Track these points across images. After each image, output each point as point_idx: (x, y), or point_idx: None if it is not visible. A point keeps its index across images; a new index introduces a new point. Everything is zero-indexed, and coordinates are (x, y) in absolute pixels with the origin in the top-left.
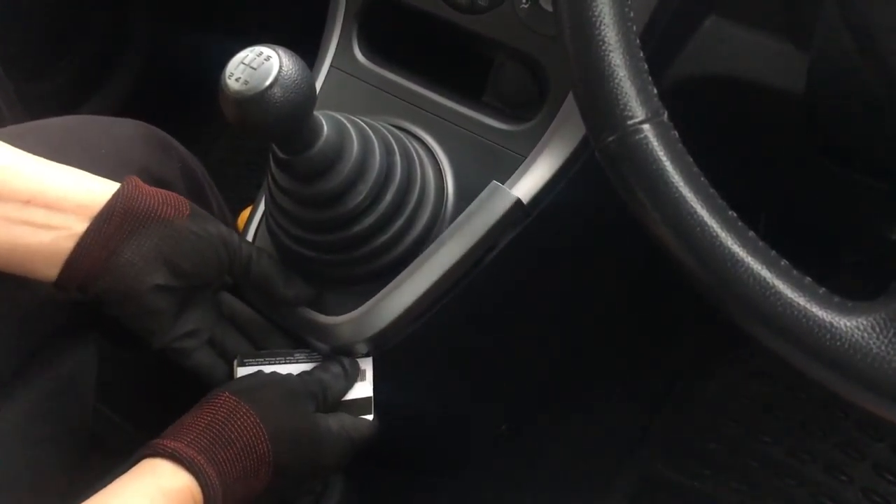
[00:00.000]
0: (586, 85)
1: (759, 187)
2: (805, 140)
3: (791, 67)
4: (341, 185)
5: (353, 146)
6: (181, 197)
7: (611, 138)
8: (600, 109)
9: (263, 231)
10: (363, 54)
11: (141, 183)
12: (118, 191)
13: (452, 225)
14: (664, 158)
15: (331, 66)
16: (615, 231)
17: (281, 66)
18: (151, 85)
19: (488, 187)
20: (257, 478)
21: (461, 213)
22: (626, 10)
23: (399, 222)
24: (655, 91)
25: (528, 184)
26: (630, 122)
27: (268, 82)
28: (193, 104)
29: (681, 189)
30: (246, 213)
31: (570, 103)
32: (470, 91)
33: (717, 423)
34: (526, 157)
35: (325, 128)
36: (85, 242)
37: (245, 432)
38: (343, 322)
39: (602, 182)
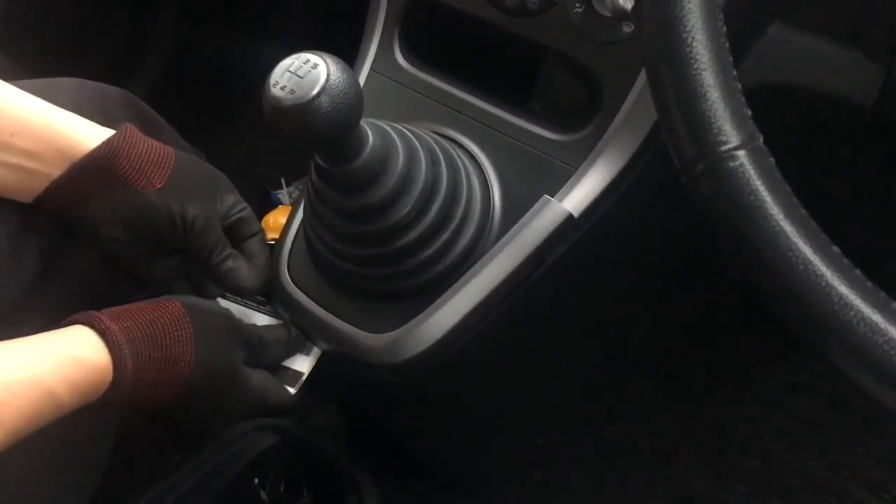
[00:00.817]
0: (675, 106)
1: (812, 197)
2: (869, 151)
3: (859, 77)
4: (386, 197)
5: (398, 157)
6: (167, 159)
7: (701, 165)
8: (690, 133)
9: (300, 241)
10: (404, 58)
11: (134, 133)
12: (102, 145)
13: (501, 240)
14: (762, 188)
15: (371, 69)
16: (656, 243)
17: (328, 75)
18: (174, 85)
19: (540, 201)
20: (167, 389)
21: (508, 226)
22: (719, 24)
23: (444, 236)
24: (750, 113)
25: (578, 197)
26: (724, 149)
27: (315, 91)
28: (216, 105)
29: (781, 223)
30: (272, 216)
31: (624, 113)
32: (515, 97)
33: (756, 437)
34: (577, 169)
35: (371, 137)
36: (56, 187)
37: (175, 344)
38: (384, 341)
39: (652, 195)
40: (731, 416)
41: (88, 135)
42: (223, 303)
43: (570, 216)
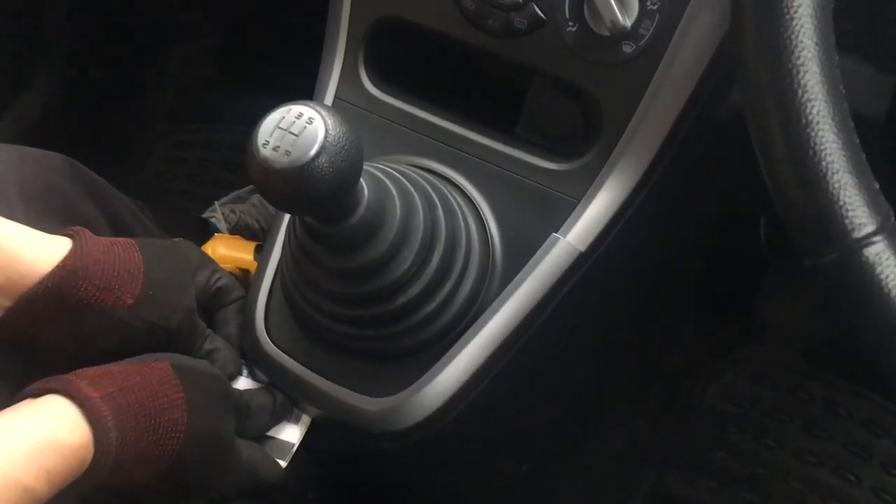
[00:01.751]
0: (796, 186)
1: None
2: (879, 163)
3: (869, 90)
4: (385, 253)
5: (395, 207)
6: (134, 269)
7: (833, 255)
8: (816, 218)
9: (277, 297)
10: (373, 83)
11: (91, 246)
12: (55, 270)
13: (509, 286)
14: None
15: (335, 97)
16: (646, 263)
17: (327, 130)
18: (70, 100)
19: (548, 241)
20: (151, 466)
21: (511, 268)
22: (840, 88)
23: (447, 287)
24: (878, 186)
25: (583, 230)
26: (858, 236)
27: (313, 151)
28: (116, 118)
29: None
30: (209, 247)
31: (627, 139)
32: (497, 122)
33: (722, 431)
34: (579, 201)
35: (366, 189)
36: (7, 320)
37: (166, 413)
38: (385, 406)
39: (653, 222)
40: (696, 412)
41: (42, 253)
42: None
43: (581, 253)
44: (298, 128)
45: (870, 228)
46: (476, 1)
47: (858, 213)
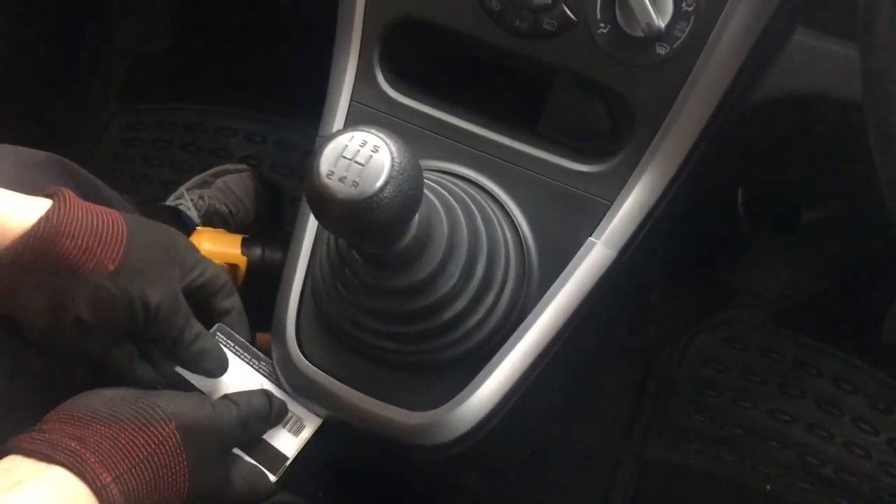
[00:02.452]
0: None
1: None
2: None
3: None
4: (434, 271)
5: (442, 223)
6: (118, 233)
7: None
8: None
9: (307, 312)
10: (390, 84)
11: (74, 203)
12: (36, 223)
13: (547, 294)
14: None
15: (351, 100)
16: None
17: (393, 159)
18: (13, 79)
19: (585, 246)
20: None
21: (547, 273)
22: None
23: (490, 298)
24: None
25: (617, 232)
26: None
27: (381, 182)
28: (64, 98)
29: None
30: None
31: (658, 140)
32: (517, 121)
33: (700, 395)
34: (612, 203)
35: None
36: None
37: (171, 486)
38: (433, 420)
39: (672, 217)
40: (675, 379)
41: (21, 211)
42: (220, 337)
43: (616, 257)
44: (364, 157)
45: None
46: (502, 1)
47: None
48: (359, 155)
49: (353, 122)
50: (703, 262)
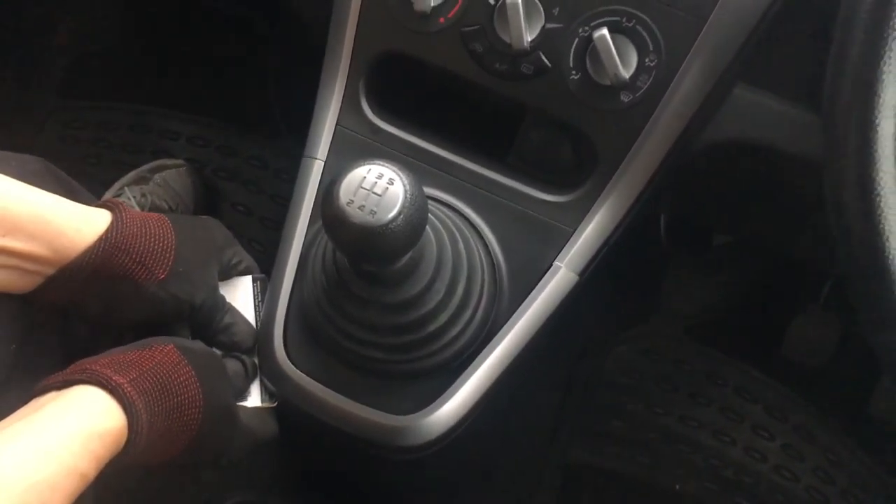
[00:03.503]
0: (871, 282)
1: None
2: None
3: (816, 136)
4: (424, 287)
5: (432, 244)
6: (167, 246)
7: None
8: (884, 304)
9: (294, 321)
10: (373, 112)
11: (131, 221)
12: (97, 242)
13: (518, 311)
14: None
15: (337, 125)
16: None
17: (405, 191)
18: None
19: (551, 269)
20: (178, 438)
21: (516, 291)
22: None
23: (468, 313)
24: None
25: (579, 256)
26: None
27: (395, 211)
28: (4, 89)
29: None
30: None
31: (618, 176)
32: (487, 149)
33: (619, 401)
34: (574, 230)
35: None
36: (50, 286)
37: (184, 390)
38: (412, 423)
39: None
40: (597, 386)
41: (83, 226)
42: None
43: (578, 280)
44: (381, 188)
45: None
46: (484, 45)
47: None
48: (376, 186)
49: (338, 145)
50: (625, 280)
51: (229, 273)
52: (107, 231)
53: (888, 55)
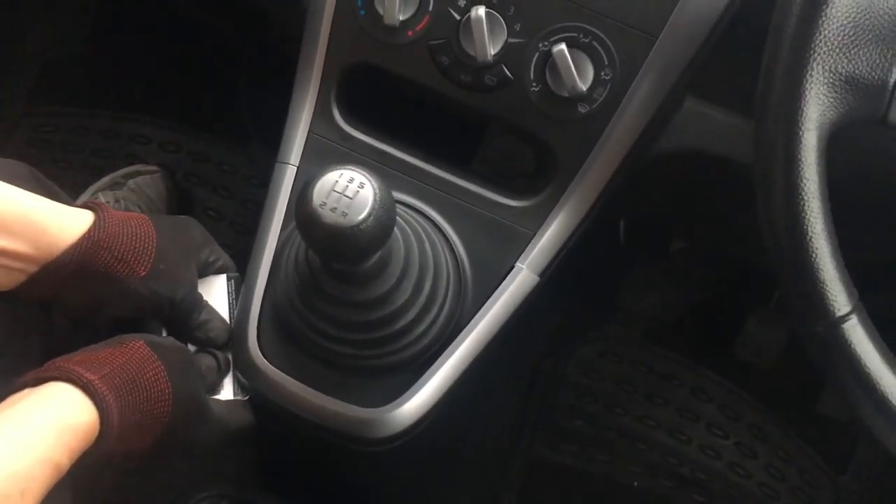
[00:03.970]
0: (797, 278)
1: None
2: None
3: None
4: (392, 286)
5: (399, 245)
6: (148, 244)
7: (820, 327)
8: (810, 300)
9: (266, 317)
10: (344, 119)
11: (112, 220)
12: (80, 240)
13: (481, 310)
14: (874, 351)
15: (309, 131)
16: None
17: (375, 194)
18: None
19: (513, 271)
20: (148, 432)
21: (480, 291)
22: (828, 208)
23: (434, 311)
24: (849, 279)
25: (539, 258)
26: (840, 315)
27: (365, 213)
28: None
29: (888, 378)
30: None
31: (576, 182)
32: (453, 156)
33: (579, 401)
34: (535, 233)
35: None
36: (32, 283)
37: (153, 384)
38: (381, 416)
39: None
40: (558, 386)
41: (66, 225)
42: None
43: (539, 281)
44: (352, 191)
45: (848, 308)
46: (450, 57)
47: (840, 298)
48: (347, 189)
49: (310, 152)
50: (586, 283)
51: (206, 271)
52: (89, 230)
53: (809, 73)
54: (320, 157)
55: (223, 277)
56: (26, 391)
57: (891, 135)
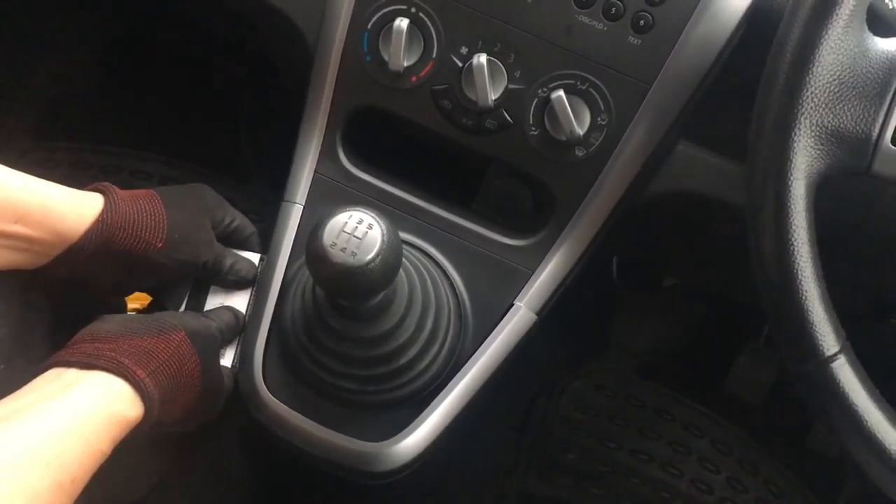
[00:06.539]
0: (788, 319)
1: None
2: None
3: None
4: (396, 322)
5: (403, 283)
6: (160, 217)
7: (810, 366)
8: (800, 340)
9: (272, 356)
10: (349, 160)
11: (122, 201)
12: (95, 225)
13: (481, 347)
14: (862, 389)
15: (315, 172)
16: None
17: (383, 235)
18: None
19: (512, 310)
20: (171, 417)
21: (480, 329)
22: (817, 252)
23: (435, 348)
24: (837, 320)
25: (537, 296)
26: (829, 354)
27: (373, 254)
28: None
29: (875, 415)
30: None
31: (573, 222)
32: (454, 196)
33: (573, 435)
34: (533, 272)
35: None
36: (54, 266)
37: (190, 379)
38: (384, 449)
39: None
40: (552, 420)
41: (82, 210)
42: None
43: (536, 319)
44: (361, 232)
45: (836, 348)
46: (452, 102)
47: (829, 339)
48: (357, 230)
49: (316, 191)
50: (580, 318)
51: (229, 237)
52: (101, 213)
53: (798, 127)
54: (326, 196)
55: (256, 258)
56: (73, 372)
57: (875, 184)
